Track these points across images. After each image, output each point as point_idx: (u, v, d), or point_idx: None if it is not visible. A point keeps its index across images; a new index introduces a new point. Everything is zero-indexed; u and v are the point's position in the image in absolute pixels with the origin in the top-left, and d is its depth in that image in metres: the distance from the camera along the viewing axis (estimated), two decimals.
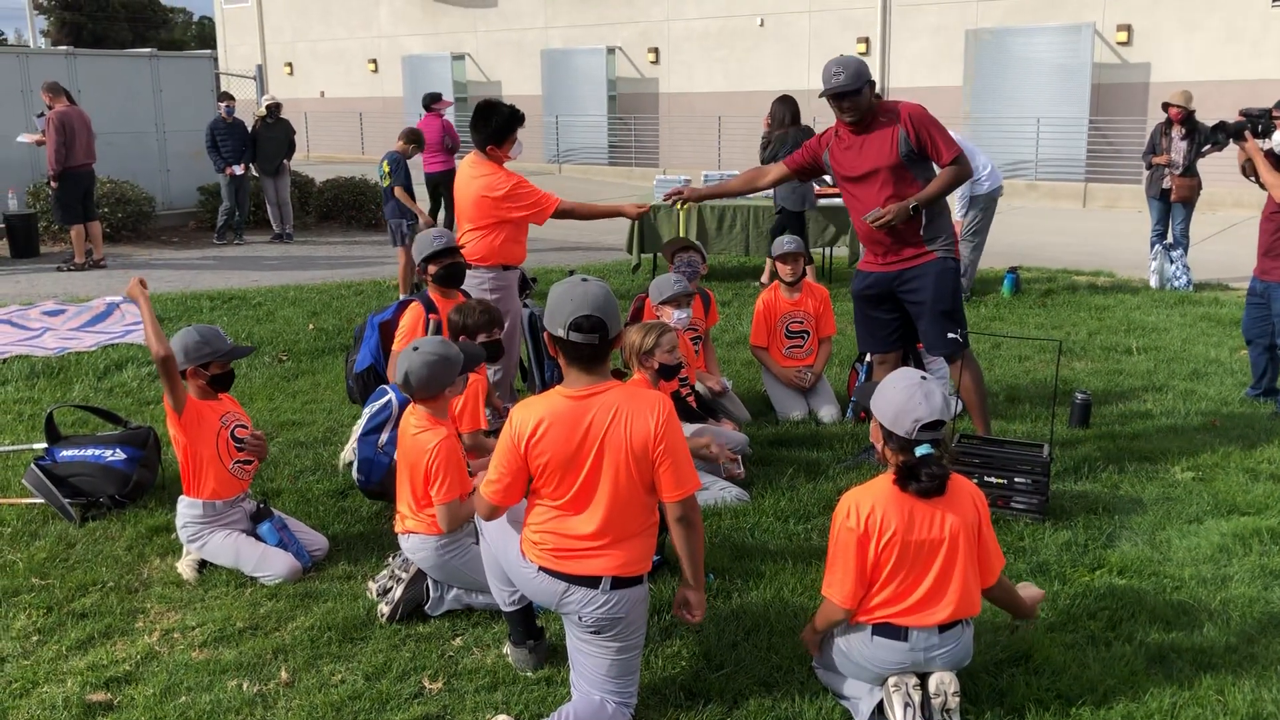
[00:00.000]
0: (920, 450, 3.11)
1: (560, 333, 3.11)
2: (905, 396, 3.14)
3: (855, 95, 4.94)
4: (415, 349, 4.01)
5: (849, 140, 5.11)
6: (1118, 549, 4.47)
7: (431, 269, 5.24)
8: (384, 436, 4.61)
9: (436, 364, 3.96)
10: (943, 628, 3.17)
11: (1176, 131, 10.25)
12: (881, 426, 3.21)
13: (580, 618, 3.19)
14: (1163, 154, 10.35)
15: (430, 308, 5.23)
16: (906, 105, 5.07)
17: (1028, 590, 3.66)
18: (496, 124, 5.58)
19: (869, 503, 3.15)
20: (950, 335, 5.15)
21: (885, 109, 5.06)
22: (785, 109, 9.84)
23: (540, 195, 5.66)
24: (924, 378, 3.16)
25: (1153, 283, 10.31)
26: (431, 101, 12.44)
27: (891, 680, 3.19)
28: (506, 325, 5.62)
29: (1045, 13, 18.72)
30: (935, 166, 5.07)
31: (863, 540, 3.13)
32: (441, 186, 12.27)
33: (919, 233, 5.08)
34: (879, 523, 3.12)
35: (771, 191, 10.18)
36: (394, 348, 5.22)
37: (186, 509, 4.36)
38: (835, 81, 4.91)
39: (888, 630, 3.17)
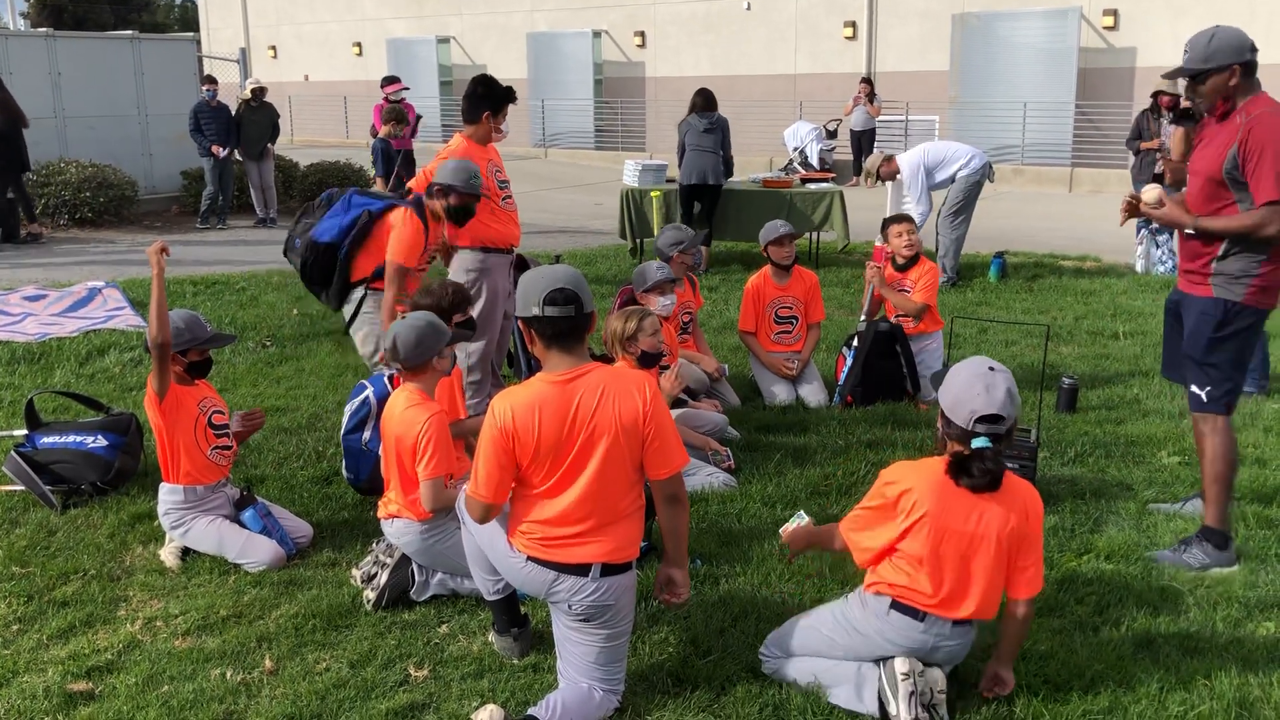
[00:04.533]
0: (976, 443, 3.04)
1: (535, 310, 3.09)
2: (966, 386, 3.08)
3: (1197, 81, 4.00)
4: (402, 318, 4.04)
5: (1206, 129, 4.13)
6: (1105, 534, 4.47)
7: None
8: (367, 434, 4.59)
9: (424, 330, 3.96)
10: (957, 621, 3.15)
11: (1165, 116, 10.26)
12: (942, 413, 3.16)
13: (570, 606, 3.17)
14: (1153, 139, 10.35)
15: (424, 218, 5.24)
16: (1265, 113, 3.91)
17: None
18: (465, 103, 5.69)
19: (911, 481, 3.11)
20: (1193, 389, 4.21)
21: (1247, 109, 3.94)
22: (699, 96, 10.42)
23: (425, 174, 5.62)
24: (992, 368, 3.08)
25: (1138, 267, 10.32)
26: (383, 84, 12.46)
27: (901, 668, 3.12)
28: (483, 306, 5.58)
29: None
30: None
31: (888, 511, 3.12)
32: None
33: (1208, 260, 4.11)
34: (910, 505, 3.08)
35: (680, 166, 10.35)
36: (390, 255, 5.14)
37: (167, 495, 4.32)
38: (1183, 61, 4.01)
39: (906, 608, 3.14)
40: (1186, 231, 4.16)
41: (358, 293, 5.36)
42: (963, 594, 3.11)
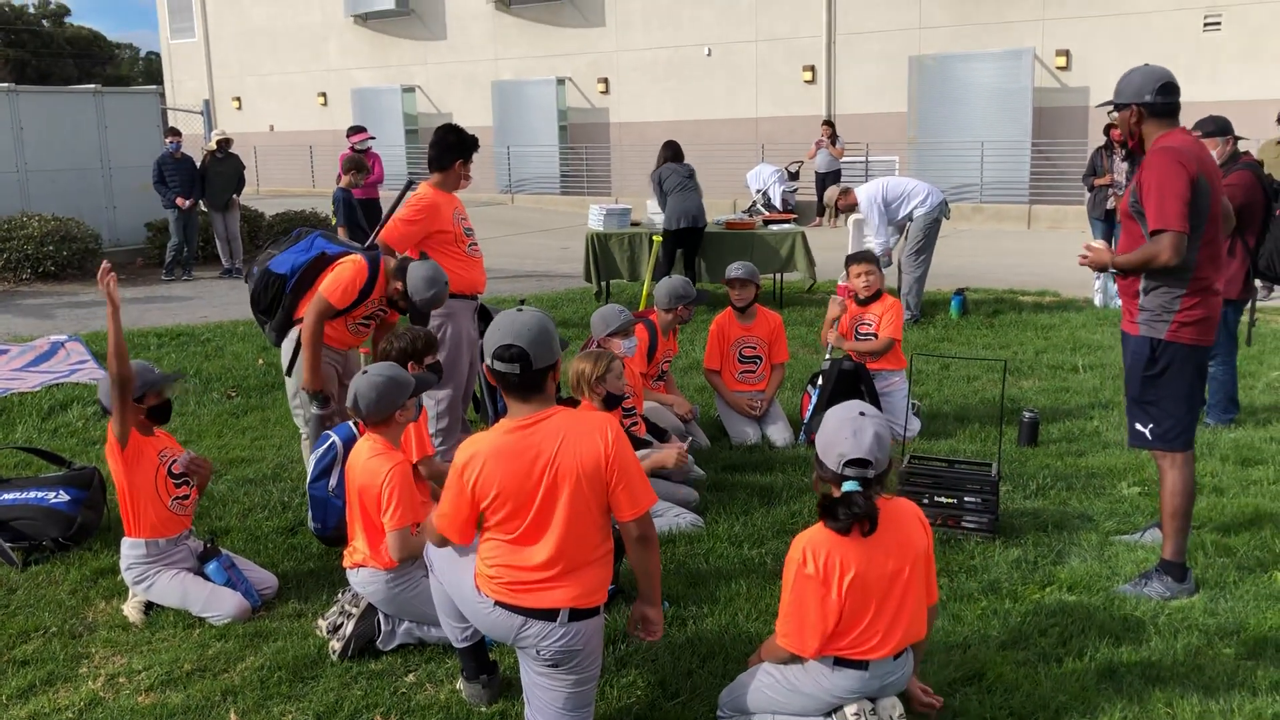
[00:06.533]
0: (845, 486, 3.05)
1: (488, 361, 3.14)
2: (835, 430, 3.10)
3: (1117, 111, 4.21)
4: (364, 372, 4.01)
5: None
6: (1067, 565, 4.52)
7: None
8: (333, 480, 4.54)
9: (384, 385, 3.96)
10: (896, 654, 3.17)
11: (1118, 153, 10.49)
12: (816, 457, 3.18)
13: (538, 651, 3.16)
14: (1105, 175, 10.57)
15: (373, 272, 5.08)
16: (1160, 148, 4.05)
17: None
18: (434, 150, 5.70)
19: (825, 547, 3.06)
20: (1137, 428, 4.30)
21: (1156, 144, 4.09)
22: (669, 149, 10.72)
23: (407, 218, 5.56)
24: (861, 413, 3.10)
25: (1097, 301, 10.49)
26: (348, 134, 12.57)
27: (851, 709, 3.15)
28: (449, 352, 5.59)
29: (986, 39, 19.10)
30: None
31: (823, 586, 3.05)
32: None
33: (1135, 295, 4.21)
34: (838, 566, 3.04)
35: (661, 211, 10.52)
36: (320, 290, 4.99)
37: (129, 550, 4.28)
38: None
39: (850, 661, 3.13)
40: (1111, 270, 4.29)
41: (295, 331, 5.29)
42: (897, 628, 3.12)
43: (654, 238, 10.56)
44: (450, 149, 5.69)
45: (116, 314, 4.03)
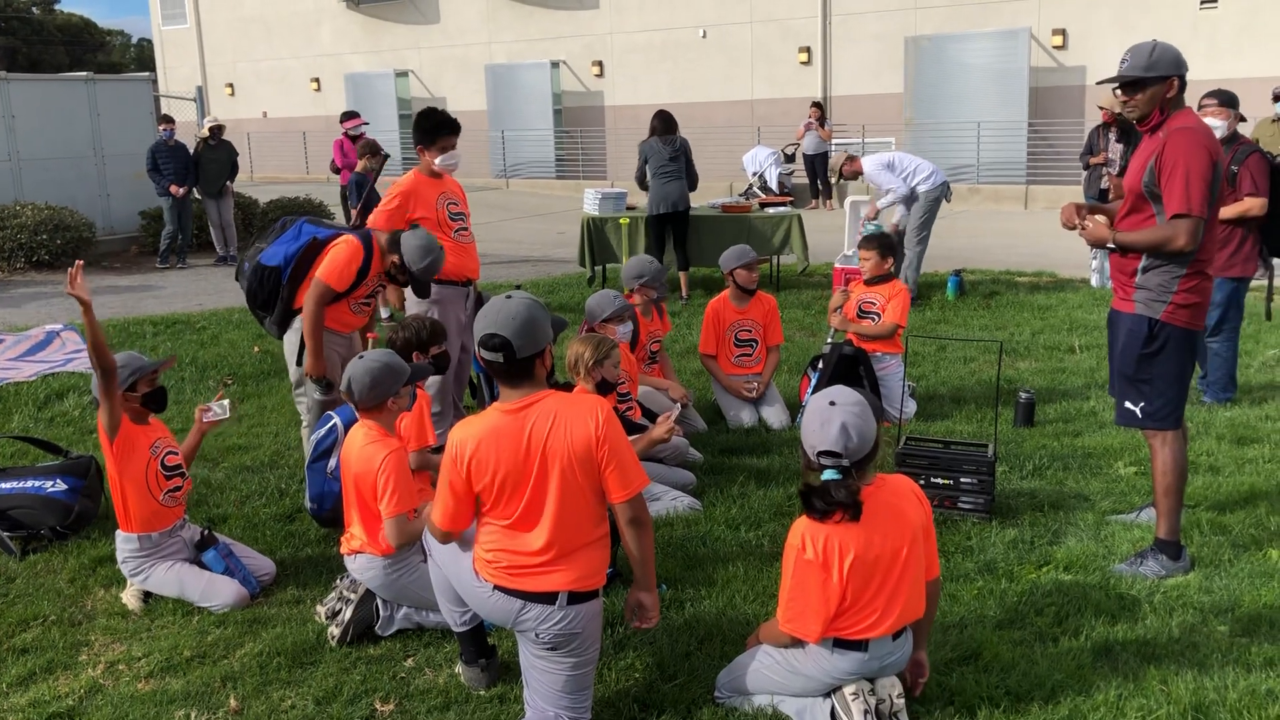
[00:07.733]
0: (825, 475, 3.07)
1: (475, 349, 3.15)
2: (809, 421, 3.13)
3: (1135, 88, 4.06)
4: (360, 357, 4.01)
5: (1141, 144, 4.21)
6: (1064, 545, 4.53)
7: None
8: (332, 462, 4.54)
9: (379, 371, 3.96)
10: (895, 633, 3.19)
11: (1113, 133, 10.45)
12: (801, 447, 3.21)
13: (537, 635, 3.17)
14: (1100, 154, 10.54)
15: (369, 250, 5.07)
16: (1180, 128, 4.01)
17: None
18: (417, 132, 5.77)
19: (823, 531, 3.07)
20: (1127, 406, 4.31)
21: (1169, 124, 4.06)
22: (658, 120, 10.27)
23: (385, 205, 5.59)
24: (831, 402, 3.11)
25: (1093, 282, 10.48)
26: (342, 119, 12.54)
27: (849, 690, 3.17)
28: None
29: (982, 19, 19.04)
30: None
31: (824, 570, 3.07)
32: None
33: (1132, 273, 4.22)
34: (837, 549, 3.06)
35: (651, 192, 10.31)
36: (318, 274, 4.99)
37: (123, 543, 4.27)
38: (1121, 69, 4.08)
39: (850, 643, 3.15)
40: (1109, 246, 4.26)
41: (298, 321, 5.28)
42: (894, 607, 3.14)
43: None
44: (414, 134, 5.73)
45: (89, 311, 3.98)
